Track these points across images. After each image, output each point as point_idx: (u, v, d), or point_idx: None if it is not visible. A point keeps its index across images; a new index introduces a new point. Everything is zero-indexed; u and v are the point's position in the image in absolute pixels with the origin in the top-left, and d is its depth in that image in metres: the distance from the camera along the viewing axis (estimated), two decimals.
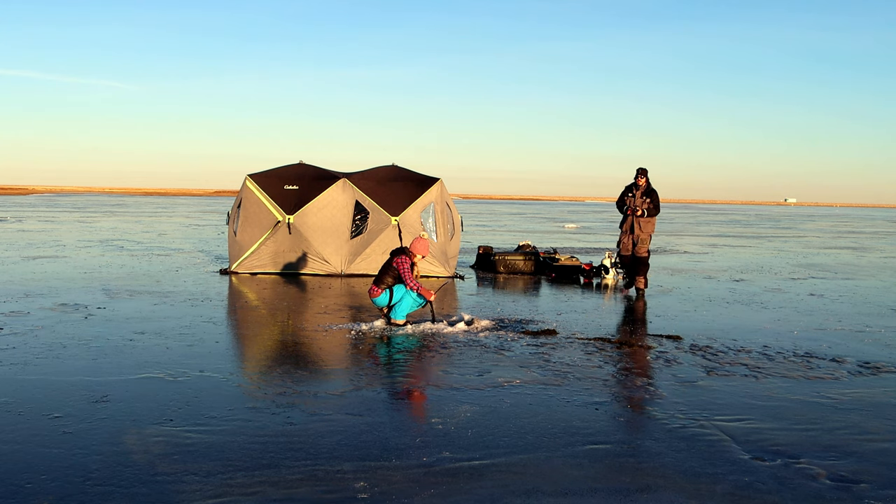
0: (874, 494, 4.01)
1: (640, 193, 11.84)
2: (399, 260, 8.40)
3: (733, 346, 7.78)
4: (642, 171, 11.93)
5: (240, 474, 4.07)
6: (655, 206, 11.86)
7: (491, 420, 5.11)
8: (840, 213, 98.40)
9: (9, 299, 9.80)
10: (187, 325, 8.29)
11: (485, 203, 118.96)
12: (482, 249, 15.73)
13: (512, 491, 3.94)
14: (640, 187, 11.84)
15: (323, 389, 5.80)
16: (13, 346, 7.00)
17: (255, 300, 10.54)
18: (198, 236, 24.19)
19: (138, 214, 42.51)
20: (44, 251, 17.07)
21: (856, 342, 8.15)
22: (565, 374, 6.40)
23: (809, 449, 4.69)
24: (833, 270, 16.55)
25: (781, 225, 47.60)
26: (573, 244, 23.68)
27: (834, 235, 34.32)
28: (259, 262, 13.22)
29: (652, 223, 11.91)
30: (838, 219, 67.51)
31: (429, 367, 6.71)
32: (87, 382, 5.82)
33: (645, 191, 11.85)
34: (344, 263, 13.20)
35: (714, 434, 4.92)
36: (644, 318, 9.64)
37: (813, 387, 6.20)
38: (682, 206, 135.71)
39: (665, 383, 6.19)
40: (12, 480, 3.93)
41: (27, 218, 33.92)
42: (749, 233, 35.42)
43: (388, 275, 8.40)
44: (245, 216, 13.27)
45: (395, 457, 4.37)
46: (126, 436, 4.63)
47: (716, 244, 25.66)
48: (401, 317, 8.36)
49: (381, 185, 13.66)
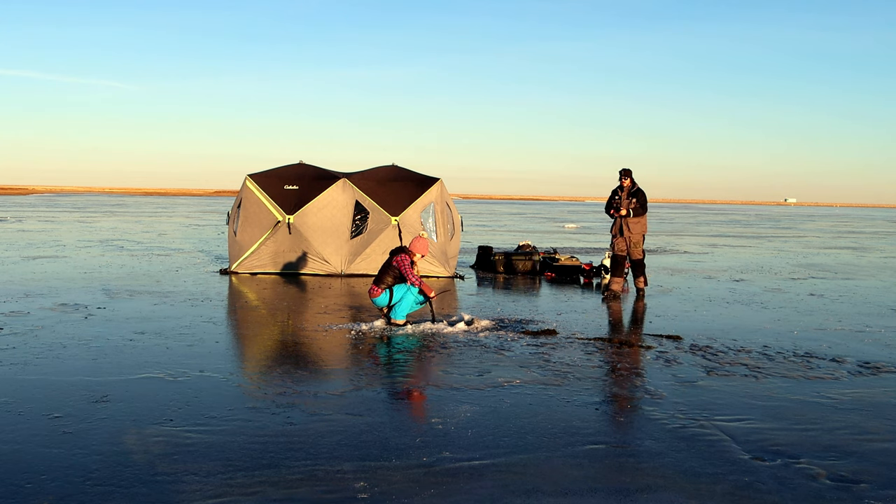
0: (874, 494, 4.01)
1: (625, 195, 11.70)
2: (399, 258, 8.41)
3: (733, 346, 7.78)
4: (626, 171, 11.77)
5: (240, 474, 4.07)
6: (642, 205, 11.68)
7: (491, 420, 5.11)
8: (840, 213, 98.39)
9: (9, 299, 9.80)
10: (187, 325, 8.29)
11: (485, 203, 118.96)
12: (482, 249, 15.74)
13: (512, 491, 3.94)
14: (626, 188, 11.70)
15: (323, 389, 5.80)
16: (13, 346, 7.00)
17: (255, 300, 10.54)
18: (198, 236, 24.19)
19: (138, 214, 42.51)
20: (44, 251, 17.07)
21: (856, 342, 8.15)
22: (565, 374, 6.40)
23: (809, 449, 4.69)
24: (833, 270, 16.55)
25: (781, 225, 47.60)
26: (573, 244, 23.67)
27: (834, 235, 34.32)
28: (259, 262, 13.22)
29: (641, 223, 11.72)
30: (838, 219, 67.51)
31: (429, 367, 6.71)
32: (87, 382, 5.82)
33: (631, 191, 11.71)
34: (344, 263, 13.20)
35: (714, 434, 4.92)
36: (644, 318, 9.64)
37: (813, 387, 6.20)
38: (682, 206, 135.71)
39: (665, 383, 6.19)
40: (12, 480, 3.93)
41: (27, 218, 33.93)
42: (749, 233, 35.42)
43: (388, 274, 8.39)
44: (245, 216, 13.27)
45: (395, 457, 4.37)
46: (126, 436, 4.63)
47: (716, 244, 25.66)
48: (401, 317, 8.35)
49: (381, 185, 13.66)
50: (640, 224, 11.71)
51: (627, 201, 11.65)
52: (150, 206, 60.46)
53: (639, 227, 11.69)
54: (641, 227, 11.73)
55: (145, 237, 23.14)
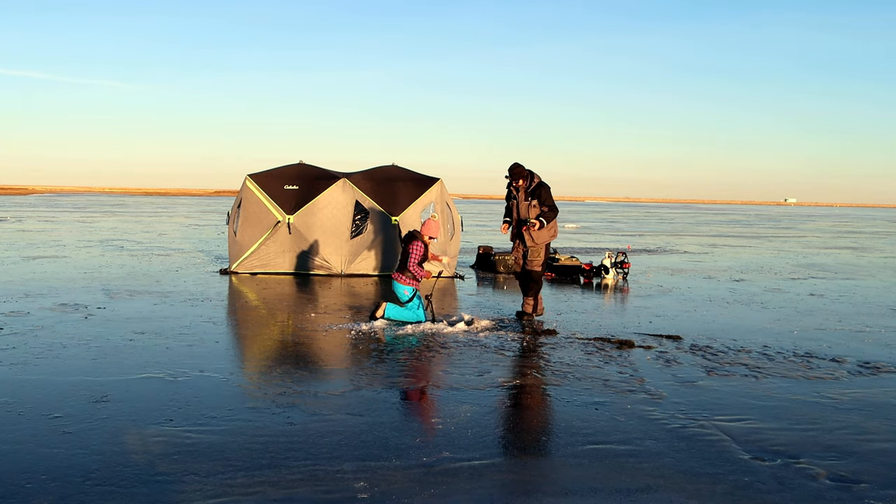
0: (874, 494, 4.01)
1: (522, 196, 9.05)
2: (413, 246, 8.62)
3: (733, 346, 7.77)
4: (516, 168, 9.03)
5: (240, 474, 4.07)
6: (550, 207, 8.95)
7: (491, 420, 5.11)
8: (840, 213, 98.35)
9: (9, 299, 9.79)
10: (187, 325, 8.29)
11: (485, 203, 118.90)
12: (482, 249, 15.73)
13: (512, 491, 3.94)
14: (522, 188, 9.05)
15: (323, 389, 5.80)
16: (13, 346, 6.99)
17: (255, 300, 10.54)
18: (198, 236, 24.18)
19: (138, 214, 42.49)
20: (44, 251, 17.06)
21: (856, 342, 8.15)
22: (565, 374, 6.40)
23: (809, 449, 4.68)
24: (833, 270, 16.54)
25: (781, 225, 47.58)
26: (573, 244, 23.66)
27: (834, 235, 34.31)
28: (259, 262, 13.22)
29: (549, 227, 9.03)
30: (838, 219, 67.48)
31: (429, 367, 6.71)
32: (87, 382, 5.82)
33: (529, 191, 9.03)
34: (344, 263, 13.19)
35: (714, 434, 4.92)
36: (644, 319, 9.63)
37: (813, 387, 6.20)
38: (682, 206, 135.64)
39: (665, 383, 6.19)
40: (12, 480, 3.93)
41: (27, 218, 33.91)
42: (749, 233, 35.41)
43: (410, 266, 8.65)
44: (245, 216, 13.27)
45: (395, 457, 4.37)
46: (126, 436, 4.63)
47: (716, 244, 25.65)
48: (390, 316, 8.54)
49: (381, 185, 13.66)
50: (547, 229, 9.03)
51: (527, 204, 8.99)
52: (150, 206, 60.44)
53: (543, 235, 8.99)
54: (547, 233, 9.04)
55: (145, 237, 23.13)
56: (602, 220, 51.27)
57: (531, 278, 9.12)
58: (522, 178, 9.00)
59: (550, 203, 8.99)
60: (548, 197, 8.98)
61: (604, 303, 11.01)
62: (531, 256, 9.09)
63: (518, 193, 9.08)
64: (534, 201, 8.95)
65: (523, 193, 9.03)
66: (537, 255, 9.08)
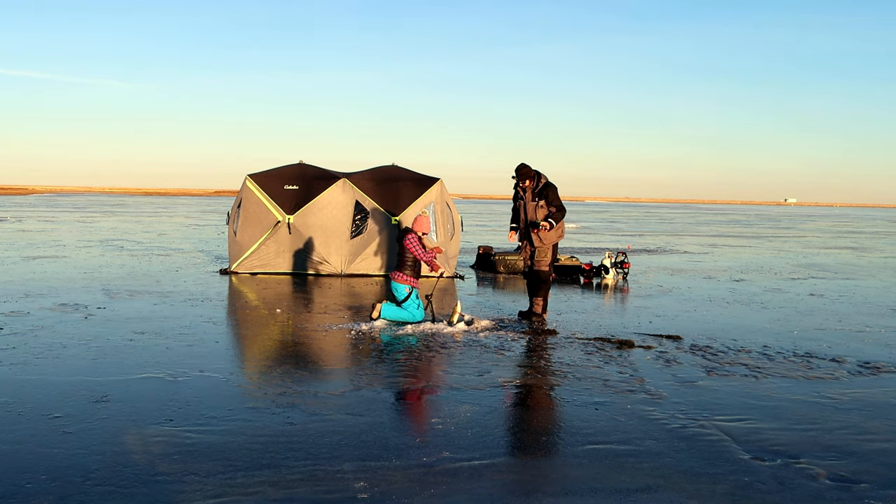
0: (874, 494, 4.01)
1: (529, 197, 9.08)
2: (408, 239, 8.63)
3: (733, 346, 7.77)
4: (522, 169, 9.10)
5: (240, 474, 4.07)
6: (558, 207, 8.97)
7: (491, 420, 5.11)
8: (840, 213, 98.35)
9: (9, 299, 9.79)
10: (187, 325, 8.29)
11: (485, 203, 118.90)
12: (482, 249, 15.73)
13: (512, 491, 3.94)
14: (529, 189, 9.09)
15: (323, 389, 5.80)
16: (13, 346, 6.99)
17: (255, 300, 10.54)
18: (198, 236, 24.18)
19: (138, 214, 42.50)
20: (44, 251, 17.06)
21: (856, 342, 8.15)
22: (565, 374, 6.40)
23: (809, 449, 4.68)
24: (833, 270, 16.54)
25: (781, 225, 47.59)
26: (573, 244, 23.66)
27: (834, 235, 34.31)
28: (259, 262, 13.22)
29: (557, 228, 9.08)
30: (838, 219, 67.48)
31: (429, 367, 6.71)
32: (87, 382, 5.82)
33: (536, 192, 9.05)
34: (344, 263, 13.20)
35: (714, 434, 4.92)
36: (644, 319, 9.63)
37: (813, 387, 6.20)
38: (681, 206, 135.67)
39: (665, 383, 6.19)
40: (12, 480, 3.93)
41: (27, 218, 33.92)
42: (749, 233, 35.41)
43: (408, 261, 8.65)
44: (245, 216, 13.27)
45: (395, 457, 4.37)
46: (126, 436, 4.63)
47: (716, 244, 25.66)
48: (386, 316, 8.56)
49: (381, 185, 13.66)
50: (556, 230, 9.10)
51: (535, 205, 9.01)
52: (150, 206, 60.44)
53: (551, 235, 9.08)
54: (556, 233, 9.13)
55: (145, 237, 23.13)
56: (602, 220, 51.28)
57: (539, 278, 9.16)
58: (529, 179, 9.05)
59: (558, 203, 9.00)
60: (555, 197, 9.00)
61: (604, 303, 11.01)
62: (538, 256, 9.16)
63: (525, 194, 9.11)
64: (541, 202, 8.98)
65: (530, 194, 9.07)
66: (545, 256, 9.14)
